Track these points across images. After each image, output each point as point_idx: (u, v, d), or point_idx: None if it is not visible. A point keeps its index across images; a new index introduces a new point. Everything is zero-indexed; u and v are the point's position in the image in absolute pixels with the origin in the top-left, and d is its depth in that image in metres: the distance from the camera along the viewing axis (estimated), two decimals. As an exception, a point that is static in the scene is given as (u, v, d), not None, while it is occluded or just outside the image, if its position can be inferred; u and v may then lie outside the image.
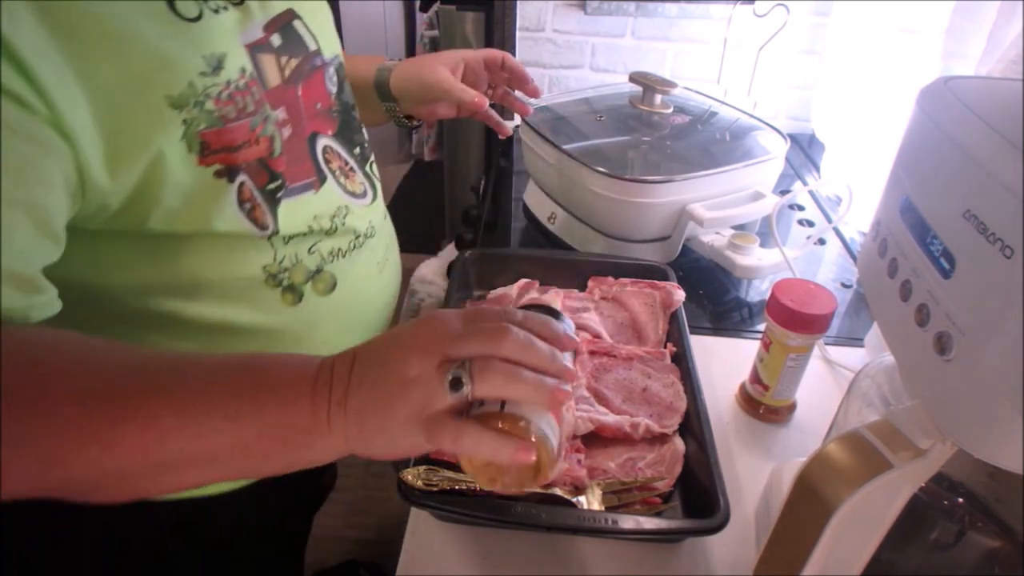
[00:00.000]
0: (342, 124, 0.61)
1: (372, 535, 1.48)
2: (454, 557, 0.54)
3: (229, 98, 0.46)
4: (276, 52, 0.52)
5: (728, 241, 0.86)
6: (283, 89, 0.52)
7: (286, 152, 0.53)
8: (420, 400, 0.35)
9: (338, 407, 0.36)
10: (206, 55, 0.45)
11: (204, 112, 0.45)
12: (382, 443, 0.37)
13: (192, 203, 0.46)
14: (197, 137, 0.45)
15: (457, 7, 1.71)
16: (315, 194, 0.56)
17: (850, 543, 0.38)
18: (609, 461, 0.58)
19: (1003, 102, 0.35)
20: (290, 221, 0.53)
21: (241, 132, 0.48)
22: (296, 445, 0.36)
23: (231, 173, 0.48)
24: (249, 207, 0.50)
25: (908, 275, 0.36)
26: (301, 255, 0.55)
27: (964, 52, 0.80)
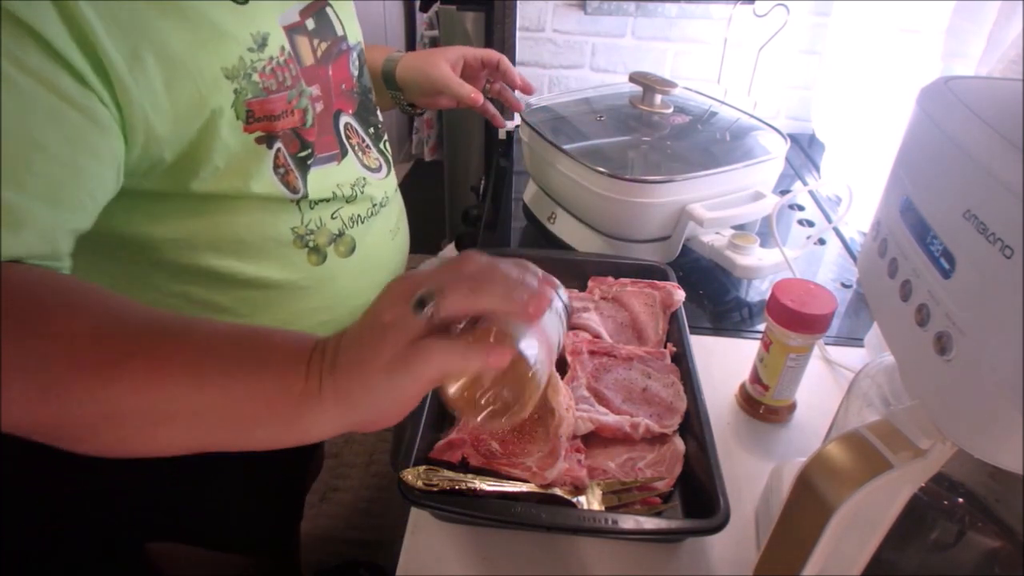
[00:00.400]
0: (360, 105, 0.67)
1: (372, 535, 1.48)
2: (454, 557, 0.54)
3: (271, 72, 0.52)
4: (310, 35, 0.58)
5: (728, 241, 0.86)
6: (316, 68, 0.58)
7: (317, 125, 0.59)
8: (395, 338, 0.36)
9: (328, 373, 0.37)
10: (253, 33, 0.51)
11: (251, 83, 0.51)
12: (370, 400, 0.36)
13: (235, 165, 0.52)
14: (244, 105, 0.51)
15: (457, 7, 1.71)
16: (338, 165, 0.62)
17: (850, 543, 0.38)
18: (609, 461, 0.58)
19: (1003, 102, 0.35)
20: (317, 187, 0.59)
21: (280, 103, 0.54)
22: (288, 414, 0.37)
23: (270, 140, 0.54)
24: (283, 172, 0.56)
25: (908, 275, 0.36)
26: (325, 220, 0.61)
27: (964, 52, 0.80)
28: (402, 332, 0.36)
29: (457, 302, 0.36)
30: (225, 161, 0.51)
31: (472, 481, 0.54)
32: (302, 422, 0.37)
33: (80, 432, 0.37)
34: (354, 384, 0.36)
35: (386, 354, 0.35)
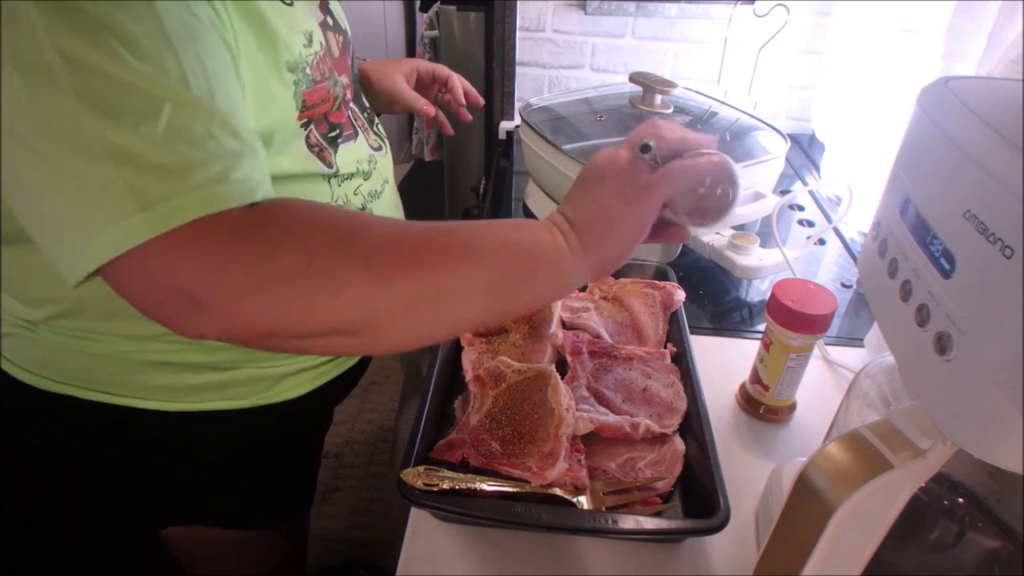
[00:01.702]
0: (355, 91, 0.71)
1: (372, 535, 1.48)
2: (454, 557, 0.54)
3: (316, 65, 0.58)
4: (331, 30, 0.63)
5: (728, 241, 0.86)
6: (341, 59, 0.64)
7: (344, 108, 0.65)
8: (628, 179, 0.46)
9: (569, 231, 0.45)
10: (304, 31, 0.56)
11: (305, 76, 0.56)
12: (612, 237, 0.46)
13: (287, 148, 0.57)
14: (301, 96, 0.56)
15: (457, 7, 1.71)
16: (354, 143, 0.67)
17: (850, 543, 0.38)
18: (609, 461, 0.58)
19: (1003, 102, 0.35)
20: (345, 161, 0.64)
21: (321, 92, 0.59)
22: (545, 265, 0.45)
23: (308, 125, 0.59)
24: (318, 150, 0.61)
25: (908, 275, 0.36)
26: (350, 195, 0.66)
27: (964, 52, 0.80)
28: (633, 172, 0.46)
29: (668, 143, 0.47)
30: (282, 145, 0.57)
31: (472, 481, 0.54)
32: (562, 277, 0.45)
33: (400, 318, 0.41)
34: (602, 226, 0.45)
35: (626, 190, 0.45)
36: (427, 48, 2.05)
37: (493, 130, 1.45)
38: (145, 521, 0.70)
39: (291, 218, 0.41)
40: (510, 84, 1.41)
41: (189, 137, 0.38)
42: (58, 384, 0.60)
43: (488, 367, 0.62)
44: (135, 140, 0.37)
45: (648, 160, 0.46)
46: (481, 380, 0.62)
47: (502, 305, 0.45)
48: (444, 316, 0.43)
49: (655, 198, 0.45)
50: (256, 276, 0.38)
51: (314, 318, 0.39)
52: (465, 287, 0.42)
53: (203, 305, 0.37)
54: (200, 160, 0.38)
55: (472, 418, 0.59)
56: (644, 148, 0.47)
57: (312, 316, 0.39)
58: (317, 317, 0.39)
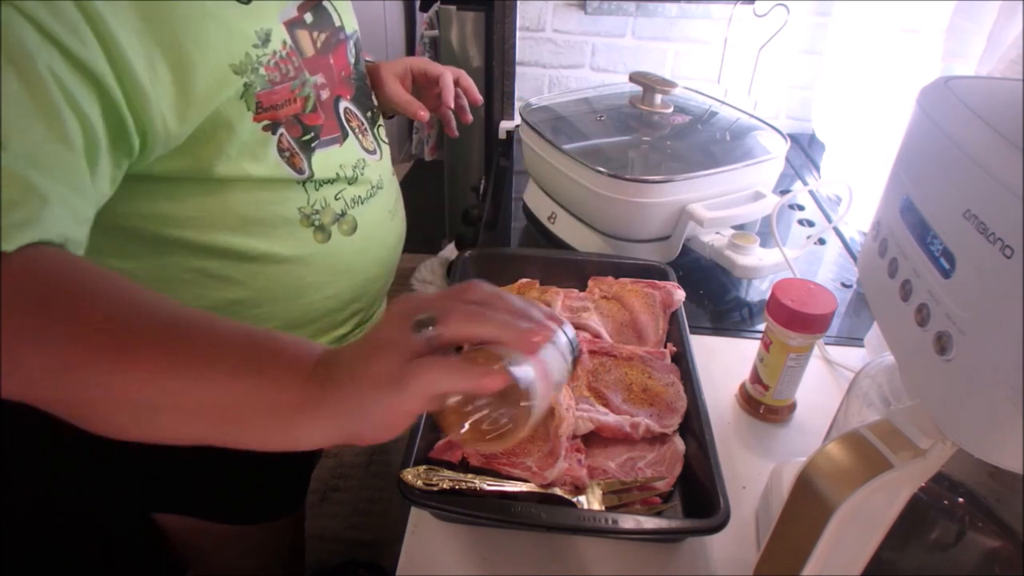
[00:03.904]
0: (357, 90, 0.71)
1: (372, 535, 1.48)
2: (454, 557, 0.54)
3: (275, 65, 0.56)
4: (308, 28, 0.62)
5: (728, 241, 0.86)
6: (318, 58, 0.62)
7: (321, 110, 0.63)
8: (390, 354, 0.36)
9: (327, 384, 0.37)
10: (257, 30, 0.55)
11: (258, 77, 0.55)
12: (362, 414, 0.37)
13: (245, 151, 0.56)
14: (254, 98, 0.55)
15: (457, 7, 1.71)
16: (340, 147, 0.66)
17: (850, 543, 0.38)
18: (609, 461, 0.58)
19: (1003, 102, 0.35)
20: (322, 167, 0.63)
21: (283, 93, 0.58)
22: (283, 418, 0.37)
23: (274, 127, 0.58)
24: (288, 155, 0.60)
25: (908, 275, 0.36)
26: (329, 200, 0.65)
27: (964, 52, 0.80)
28: (399, 350, 0.36)
29: (457, 327, 0.37)
30: (236, 148, 0.56)
31: (472, 481, 0.54)
32: (296, 429, 0.37)
33: (90, 412, 0.38)
34: (349, 397, 0.36)
35: (380, 369, 0.36)
36: (427, 48, 2.06)
37: (493, 130, 1.45)
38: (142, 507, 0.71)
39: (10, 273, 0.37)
40: (510, 84, 1.41)
41: None
42: None
43: (488, 367, 0.62)
44: None
45: (424, 340, 0.36)
46: (481, 380, 0.62)
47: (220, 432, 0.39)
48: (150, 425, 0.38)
49: (406, 394, 0.35)
50: None
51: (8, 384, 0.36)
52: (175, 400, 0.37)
53: None
54: None
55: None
56: (420, 324, 0.36)
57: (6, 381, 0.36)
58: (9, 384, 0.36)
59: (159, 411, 0.38)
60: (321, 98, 0.62)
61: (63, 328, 0.37)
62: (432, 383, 0.35)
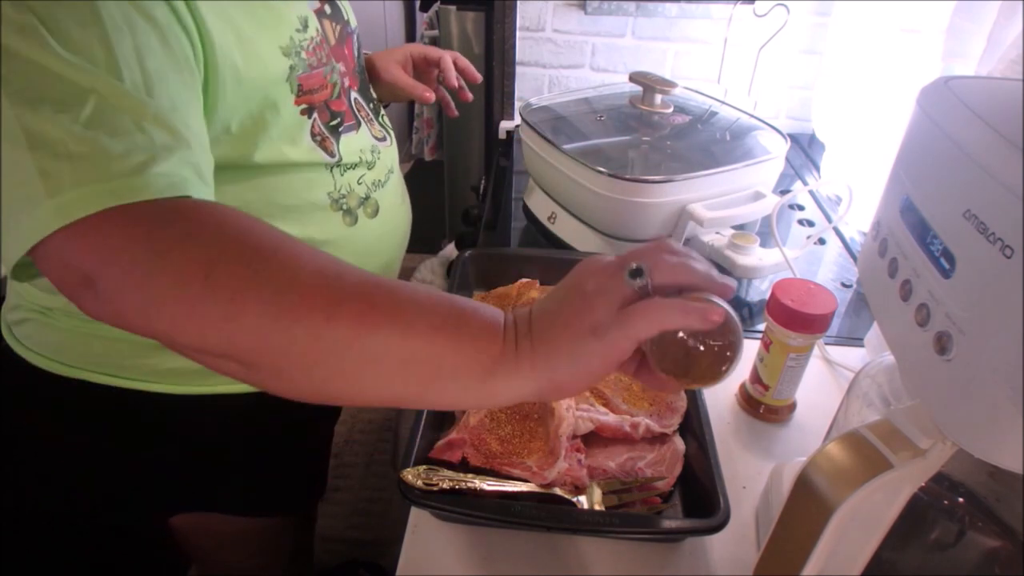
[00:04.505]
0: (361, 82, 0.73)
1: (372, 535, 1.48)
2: (454, 557, 0.54)
3: (313, 50, 0.59)
4: (329, 18, 0.65)
5: (728, 241, 0.86)
6: (338, 47, 0.65)
7: (344, 97, 0.66)
8: (604, 304, 0.37)
9: (524, 338, 0.38)
10: (299, 15, 0.58)
11: (300, 60, 0.57)
12: (572, 362, 0.37)
13: (286, 135, 0.58)
14: (296, 80, 0.57)
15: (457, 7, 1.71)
16: (356, 134, 0.68)
17: (850, 543, 0.38)
18: (609, 461, 0.58)
19: (1003, 102, 0.35)
20: (348, 151, 0.65)
21: (318, 78, 0.60)
22: (482, 371, 0.38)
23: (310, 111, 0.60)
24: (320, 139, 0.62)
25: (908, 275, 0.36)
26: (353, 185, 0.67)
27: (964, 52, 0.80)
28: (613, 297, 0.37)
29: (667, 273, 0.38)
30: (278, 131, 0.57)
31: (472, 481, 0.54)
32: (494, 382, 0.38)
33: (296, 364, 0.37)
34: (558, 347, 0.37)
35: (597, 317, 0.37)
36: (427, 48, 2.05)
37: (493, 130, 1.45)
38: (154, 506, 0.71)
39: (208, 222, 0.38)
40: (510, 84, 1.41)
41: (113, 128, 0.38)
42: (71, 368, 0.61)
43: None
44: (52, 128, 0.37)
45: (637, 288, 0.38)
46: (481, 380, 0.62)
47: (418, 388, 0.38)
48: (351, 379, 0.38)
49: (625, 337, 0.36)
50: (143, 269, 0.36)
51: (202, 334, 0.36)
52: (380, 353, 0.37)
53: (95, 288, 0.36)
54: (119, 151, 0.38)
55: (472, 418, 0.59)
56: (634, 273, 0.38)
57: (200, 332, 0.36)
58: (206, 334, 0.36)
59: (365, 365, 0.37)
60: (344, 85, 0.65)
61: (281, 279, 0.36)
62: (658, 322, 0.37)
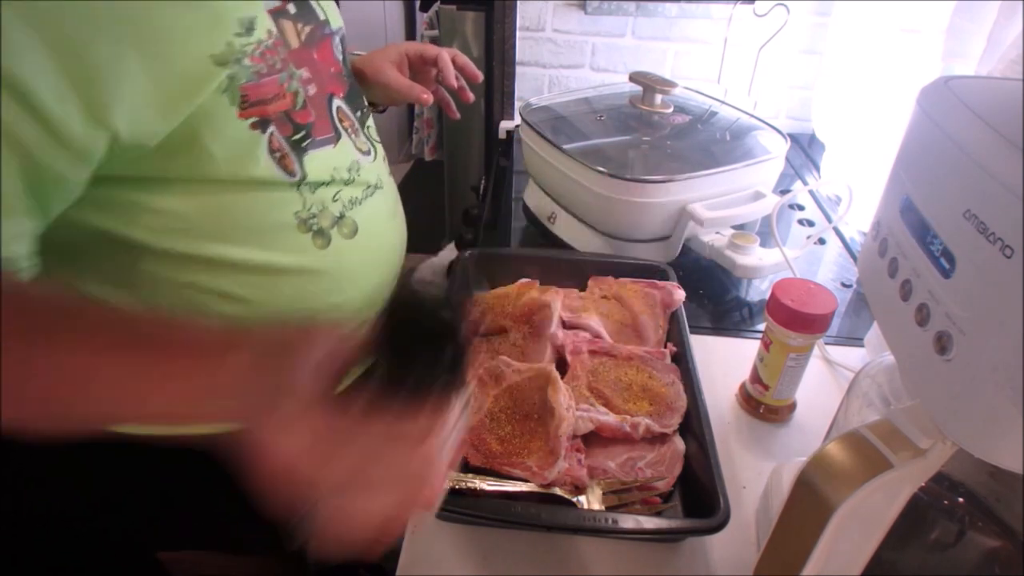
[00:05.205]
0: (350, 88, 0.68)
1: (372, 535, 1.48)
2: (454, 557, 0.54)
3: (261, 56, 0.53)
4: (292, 18, 0.58)
5: (728, 241, 0.86)
6: (302, 51, 0.59)
7: (311, 107, 0.59)
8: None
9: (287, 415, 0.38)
10: (240, 18, 0.51)
11: (243, 68, 0.51)
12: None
13: (232, 152, 0.53)
14: (238, 91, 0.51)
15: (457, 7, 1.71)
16: (334, 148, 0.62)
17: (850, 543, 0.38)
18: (609, 461, 0.58)
19: (1003, 102, 0.35)
20: (316, 169, 0.59)
21: (271, 86, 0.54)
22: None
23: (264, 124, 0.54)
24: (279, 155, 0.56)
25: (908, 275, 0.36)
26: (326, 202, 0.61)
27: (964, 52, 0.80)
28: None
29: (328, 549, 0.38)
30: (221, 148, 0.52)
31: (472, 481, 0.54)
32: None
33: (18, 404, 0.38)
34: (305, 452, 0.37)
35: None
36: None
37: (493, 130, 1.45)
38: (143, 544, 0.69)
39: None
40: (510, 84, 1.41)
41: None
42: None
43: (488, 367, 0.62)
44: None
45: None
46: (481, 380, 0.62)
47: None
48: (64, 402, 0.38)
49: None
50: None
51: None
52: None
53: None
54: None
55: (472, 418, 0.59)
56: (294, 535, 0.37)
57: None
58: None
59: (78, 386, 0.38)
60: (308, 93, 0.59)
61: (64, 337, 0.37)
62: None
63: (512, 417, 0.59)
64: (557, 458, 0.55)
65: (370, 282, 0.68)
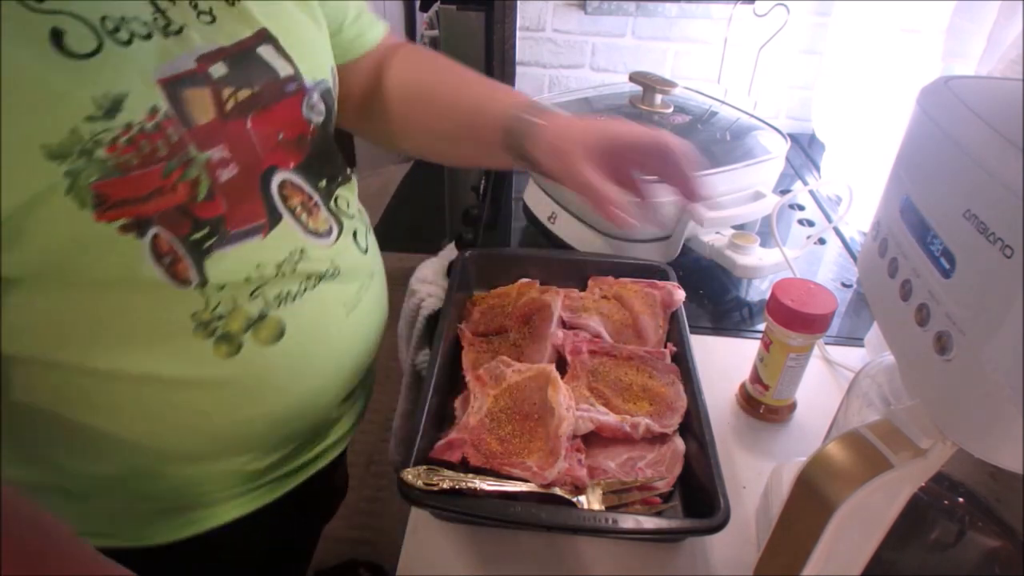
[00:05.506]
0: (312, 155, 0.55)
1: (372, 535, 1.48)
2: (454, 557, 0.54)
3: (130, 143, 0.41)
4: (215, 84, 0.46)
5: (728, 241, 0.86)
6: (220, 125, 0.47)
7: (224, 195, 0.48)
8: None
9: None
10: (97, 96, 0.39)
11: (94, 162, 0.39)
12: None
13: (97, 259, 0.43)
14: (90, 190, 0.40)
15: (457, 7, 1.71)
16: (262, 240, 0.50)
17: (850, 543, 0.38)
18: (609, 461, 0.58)
19: (1003, 102, 0.35)
20: (223, 272, 0.48)
21: (150, 180, 0.42)
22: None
23: (141, 226, 0.43)
24: (169, 260, 0.45)
25: (908, 275, 0.36)
26: (241, 301, 0.49)
27: (964, 52, 0.80)
28: None
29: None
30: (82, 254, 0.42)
31: (472, 481, 0.54)
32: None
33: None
34: None
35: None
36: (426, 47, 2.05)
37: (493, 130, 1.45)
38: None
39: None
40: (510, 84, 1.41)
41: None
42: None
43: (488, 367, 0.62)
44: None
45: None
46: (481, 380, 0.62)
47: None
48: None
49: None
50: None
51: None
52: None
53: None
54: None
55: (472, 418, 0.59)
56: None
57: None
58: None
59: None
60: (220, 179, 0.47)
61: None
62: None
63: (512, 417, 0.59)
64: (557, 458, 0.55)
65: (303, 389, 0.56)
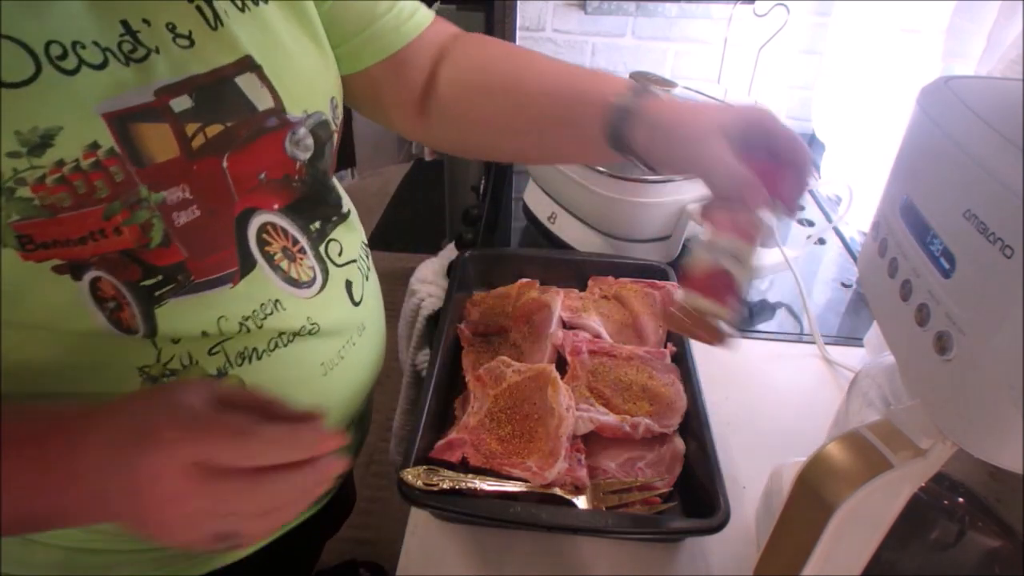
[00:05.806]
0: (304, 195, 0.50)
1: (372, 535, 1.48)
2: (454, 557, 0.54)
3: (60, 182, 0.37)
4: (176, 119, 0.42)
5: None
6: (184, 164, 0.42)
7: (183, 240, 0.43)
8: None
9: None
10: (23, 130, 0.36)
11: (15, 201, 0.36)
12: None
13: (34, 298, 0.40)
14: (11, 229, 0.37)
15: (457, 7, 1.71)
16: (231, 289, 0.46)
17: (850, 543, 0.38)
18: (609, 461, 0.58)
19: (1003, 102, 0.35)
20: (176, 323, 0.44)
21: (85, 222, 0.39)
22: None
23: (76, 269, 0.40)
24: (113, 306, 0.42)
25: (908, 275, 0.36)
26: (197, 355, 0.45)
27: (964, 52, 0.80)
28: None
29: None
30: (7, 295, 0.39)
31: (472, 481, 0.54)
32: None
33: None
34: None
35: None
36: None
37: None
38: None
39: None
40: (510, 84, 1.41)
41: None
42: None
43: (488, 367, 0.62)
44: None
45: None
46: (481, 380, 0.62)
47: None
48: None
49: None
50: None
51: None
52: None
53: None
54: None
55: (472, 418, 0.59)
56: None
57: None
58: None
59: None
60: (178, 223, 0.43)
61: None
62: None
63: (512, 417, 0.59)
64: (557, 458, 0.55)
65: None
